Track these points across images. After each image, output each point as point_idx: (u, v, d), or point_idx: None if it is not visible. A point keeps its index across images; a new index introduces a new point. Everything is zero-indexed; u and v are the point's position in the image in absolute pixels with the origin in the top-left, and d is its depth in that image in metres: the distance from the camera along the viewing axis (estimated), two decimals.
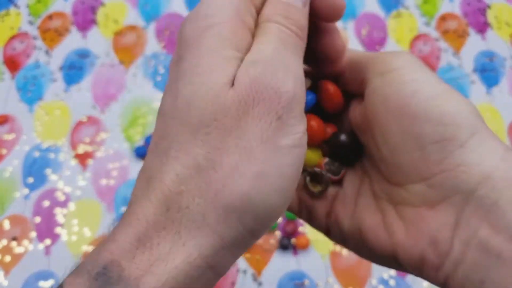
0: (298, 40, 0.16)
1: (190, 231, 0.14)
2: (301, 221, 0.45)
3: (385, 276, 0.43)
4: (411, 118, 0.16)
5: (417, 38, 0.58)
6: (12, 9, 0.59)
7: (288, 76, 0.15)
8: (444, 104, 0.16)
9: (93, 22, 0.58)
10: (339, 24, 0.58)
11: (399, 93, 0.17)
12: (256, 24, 0.16)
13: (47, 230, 0.44)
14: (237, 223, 0.14)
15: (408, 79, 0.17)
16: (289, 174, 0.14)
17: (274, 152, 0.14)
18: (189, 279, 0.14)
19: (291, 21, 0.16)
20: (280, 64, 0.15)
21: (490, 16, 0.60)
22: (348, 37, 0.58)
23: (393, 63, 0.17)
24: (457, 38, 0.58)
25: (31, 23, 0.57)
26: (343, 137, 0.19)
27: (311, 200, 0.21)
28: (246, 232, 0.14)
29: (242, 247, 0.15)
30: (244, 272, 0.43)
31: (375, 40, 0.58)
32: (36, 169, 0.47)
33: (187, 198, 0.14)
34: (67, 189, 0.46)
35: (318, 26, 0.19)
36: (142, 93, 0.52)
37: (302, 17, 0.16)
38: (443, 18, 0.60)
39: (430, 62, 0.56)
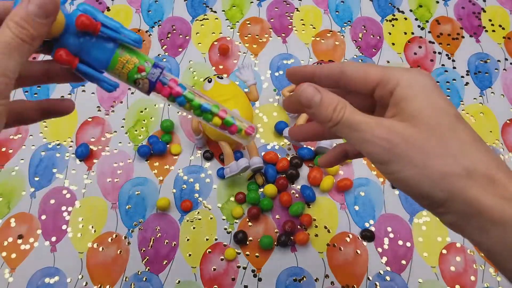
0: (22, 45, 0.20)
1: None
2: (299, 219, 0.46)
3: (381, 272, 0.44)
4: None
5: (412, 41, 0.59)
6: None
7: None
8: None
9: None
10: (335, 28, 0.60)
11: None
12: None
13: (52, 227, 0.45)
14: None
15: None
16: None
17: None
18: None
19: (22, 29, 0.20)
20: None
21: (484, 19, 0.61)
22: (345, 41, 0.59)
23: None
24: (451, 41, 0.59)
25: None
26: None
27: None
28: None
29: None
30: (244, 268, 0.44)
31: (371, 43, 0.59)
32: (42, 168, 0.48)
33: None
34: (73, 188, 0.47)
35: None
36: (145, 95, 0.53)
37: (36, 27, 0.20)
38: (438, 21, 0.61)
39: (424, 64, 0.57)
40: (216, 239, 0.45)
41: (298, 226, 0.46)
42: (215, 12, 0.60)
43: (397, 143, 0.21)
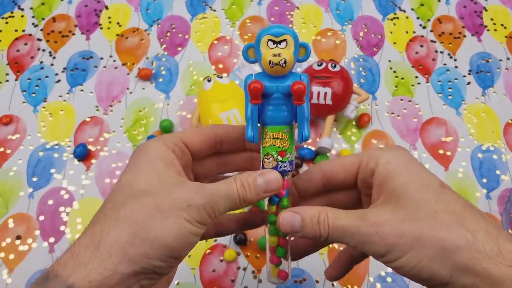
0: (236, 200, 0.23)
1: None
2: None
3: (382, 273, 0.43)
4: None
5: (414, 40, 0.59)
6: (16, 12, 0.60)
7: (208, 202, 0.22)
8: None
9: (96, 24, 0.59)
10: (336, 27, 0.59)
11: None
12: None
13: (51, 228, 0.45)
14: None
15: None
16: (172, 231, 0.21)
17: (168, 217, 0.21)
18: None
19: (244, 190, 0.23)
20: (214, 195, 0.22)
21: (486, 18, 0.61)
22: (346, 39, 0.58)
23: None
24: (453, 40, 0.59)
25: (35, 25, 0.58)
26: None
27: None
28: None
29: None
30: (244, 269, 0.43)
31: (372, 42, 0.59)
32: (40, 168, 0.48)
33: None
34: (71, 188, 0.47)
35: None
36: (144, 94, 0.53)
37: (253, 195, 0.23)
38: (439, 20, 0.61)
39: (426, 64, 0.57)
40: (215, 240, 0.45)
41: None
42: (214, 10, 0.60)
43: (388, 234, 0.21)
